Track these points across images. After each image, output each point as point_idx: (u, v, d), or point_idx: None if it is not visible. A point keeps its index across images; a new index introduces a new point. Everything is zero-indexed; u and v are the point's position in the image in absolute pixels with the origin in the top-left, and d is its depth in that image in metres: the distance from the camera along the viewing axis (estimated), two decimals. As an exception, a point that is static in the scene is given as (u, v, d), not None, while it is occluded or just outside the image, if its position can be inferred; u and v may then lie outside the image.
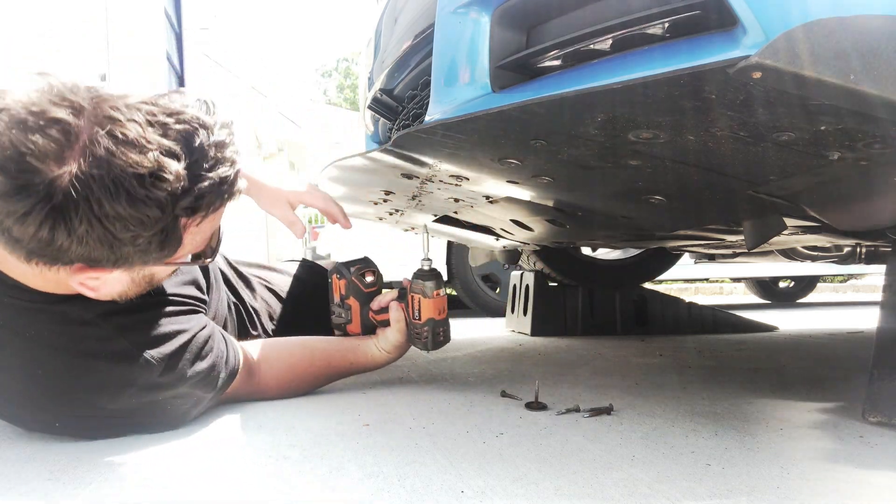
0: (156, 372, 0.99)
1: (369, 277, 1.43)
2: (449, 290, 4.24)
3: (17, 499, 0.78)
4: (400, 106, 1.39)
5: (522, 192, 1.26)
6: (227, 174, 0.84)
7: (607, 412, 1.17)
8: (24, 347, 0.94)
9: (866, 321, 3.07)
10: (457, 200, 1.48)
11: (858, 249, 2.03)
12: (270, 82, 12.75)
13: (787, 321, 3.19)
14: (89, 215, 0.76)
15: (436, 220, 1.86)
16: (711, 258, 2.67)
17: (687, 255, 2.97)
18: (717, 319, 2.69)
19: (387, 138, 1.52)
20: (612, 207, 1.32)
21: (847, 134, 0.78)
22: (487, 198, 1.40)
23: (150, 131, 0.77)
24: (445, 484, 0.80)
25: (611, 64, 0.77)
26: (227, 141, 0.84)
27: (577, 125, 0.85)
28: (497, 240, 2.09)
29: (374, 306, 1.40)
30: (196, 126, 0.81)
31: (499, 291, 4.30)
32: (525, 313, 2.67)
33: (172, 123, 0.79)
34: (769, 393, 1.38)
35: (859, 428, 1.05)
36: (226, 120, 0.86)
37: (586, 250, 2.77)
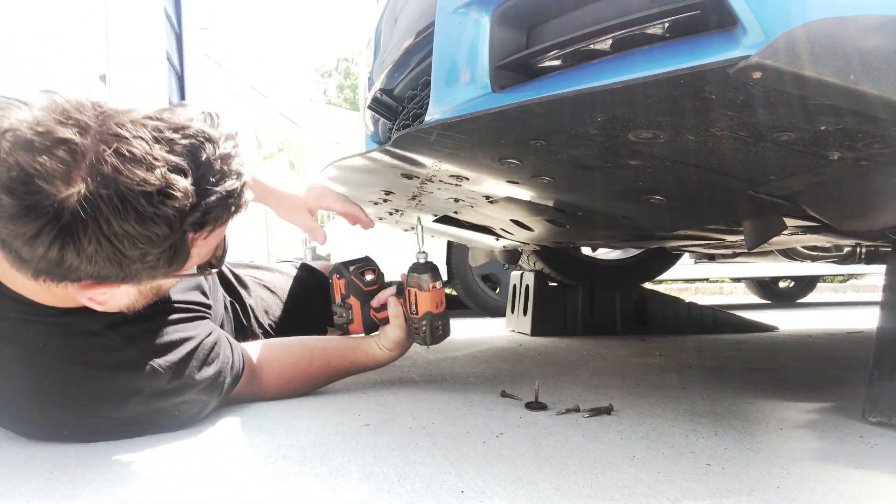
0: (163, 380, 0.99)
1: (369, 276, 1.42)
2: (449, 289, 4.23)
3: (17, 499, 0.78)
4: (400, 106, 1.39)
5: (522, 192, 1.26)
6: (233, 187, 0.83)
7: (607, 412, 1.17)
8: (30, 360, 0.94)
9: (866, 321, 3.07)
10: (457, 200, 1.48)
11: (858, 249, 2.03)
12: (270, 82, 12.75)
13: (787, 321, 3.19)
14: (98, 235, 0.75)
15: (436, 220, 1.86)
16: (711, 258, 2.67)
17: (687, 255, 2.97)
18: (717, 319, 2.69)
19: (387, 138, 1.52)
20: (612, 207, 1.32)
21: (847, 134, 0.78)
22: (487, 198, 1.40)
23: (156, 148, 0.77)
24: (445, 484, 0.80)
25: (611, 64, 0.77)
26: (233, 153, 0.84)
27: (577, 125, 0.85)
28: (497, 240, 2.09)
29: (375, 304, 1.39)
30: (202, 140, 0.80)
31: (499, 291, 4.29)
32: (525, 313, 2.67)
33: (178, 139, 0.79)
34: (769, 393, 1.38)
35: (859, 428, 1.05)
36: (230, 131, 0.85)
37: (586, 250, 2.77)
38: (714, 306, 2.81)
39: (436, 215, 1.80)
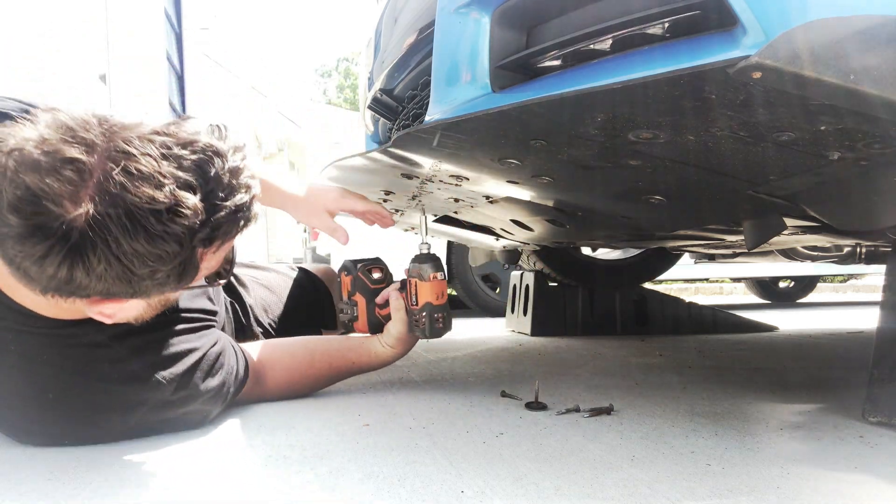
0: (167, 392, 0.99)
1: (377, 274, 1.40)
2: (449, 289, 4.23)
3: (17, 499, 0.78)
4: (400, 106, 1.39)
5: (522, 192, 1.26)
6: (243, 201, 0.82)
7: (607, 412, 1.17)
8: (34, 371, 0.94)
9: (866, 321, 3.07)
10: (457, 200, 1.48)
11: (858, 249, 2.03)
12: (270, 82, 12.75)
13: (787, 321, 3.19)
14: (107, 254, 0.75)
15: (436, 220, 1.86)
16: (711, 258, 2.67)
17: (687, 255, 2.97)
18: (717, 319, 2.69)
19: (387, 138, 1.52)
20: (612, 207, 1.32)
21: (847, 134, 0.78)
22: (487, 198, 1.40)
23: (164, 164, 0.76)
24: (445, 484, 0.80)
25: (611, 64, 0.77)
26: (242, 166, 0.83)
27: (577, 125, 0.85)
28: (497, 240, 2.09)
29: (379, 300, 1.37)
30: (210, 154, 0.79)
31: (499, 291, 4.29)
32: (525, 313, 2.67)
33: (187, 154, 0.78)
34: (769, 393, 1.38)
35: (859, 428, 1.05)
36: (238, 143, 0.84)
37: (586, 250, 2.77)
38: (714, 306, 2.81)
39: (436, 215, 1.80)
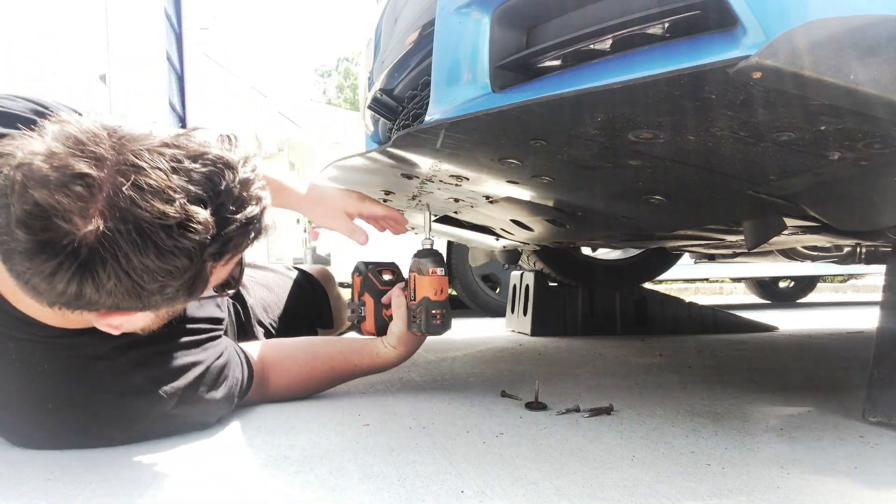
0: (168, 405, 0.99)
1: (387, 276, 1.39)
2: (449, 289, 4.22)
3: (17, 499, 0.78)
4: (400, 106, 1.39)
5: (522, 192, 1.26)
6: (253, 213, 0.81)
7: (607, 412, 1.17)
8: (36, 381, 0.94)
9: (866, 321, 3.07)
10: (457, 200, 1.49)
11: (858, 249, 2.03)
12: (270, 82, 12.75)
13: (787, 321, 3.19)
14: (117, 270, 0.74)
15: (436, 220, 1.86)
16: (711, 258, 2.67)
17: (687, 255, 2.97)
18: (717, 319, 2.69)
19: (387, 138, 1.52)
20: (612, 207, 1.32)
21: (847, 134, 0.78)
22: (487, 198, 1.40)
23: (174, 178, 0.74)
24: (445, 484, 0.80)
25: (611, 64, 0.77)
26: (252, 177, 0.82)
27: (577, 125, 0.85)
28: (497, 240, 2.09)
29: (385, 301, 1.36)
30: (221, 167, 0.78)
31: (499, 291, 4.29)
32: (525, 313, 2.67)
33: (197, 167, 0.76)
34: (769, 393, 1.38)
35: (859, 428, 1.05)
36: (248, 154, 0.83)
37: (586, 250, 2.77)
38: (714, 306, 2.81)
39: (436, 215, 1.80)
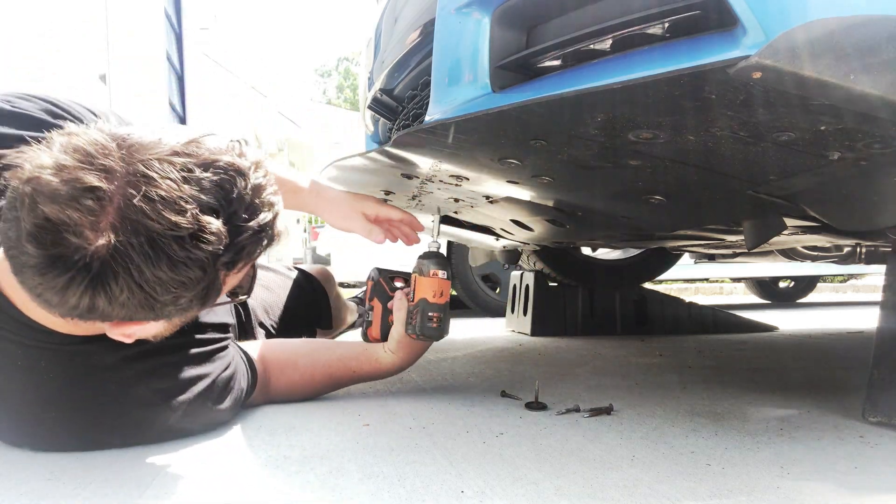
0: (173, 417, 0.99)
1: (398, 283, 1.38)
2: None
3: (18, 499, 0.78)
4: (400, 106, 1.39)
5: (522, 192, 1.26)
6: (266, 220, 0.80)
7: (607, 412, 1.17)
8: (42, 387, 0.93)
9: (866, 321, 3.07)
10: (457, 200, 1.48)
11: (858, 249, 2.03)
12: (270, 82, 12.76)
13: (787, 321, 3.19)
14: (130, 282, 0.73)
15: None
16: (711, 258, 2.67)
17: (687, 255, 2.97)
18: (717, 319, 2.69)
19: (387, 138, 1.52)
20: (612, 207, 1.32)
21: (847, 134, 0.78)
22: (487, 198, 1.40)
23: (185, 188, 0.73)
24: (445, 484, 0.80)
25: (611, 64, 0.77)
26: (264, 183, 0.81)
27: (577, 125, 0.85)
28: (497, 240, 2.09)
29: (390, 305, 1.34)
30: (232, 174, 0.77)
31: (499, 291, 4.29)
32: (525, 313, 2.67)
33: (209, 176, 0.75)
34: (769, 393, 1.38)
35: (859, 428, 1.05)
36: (259, 158, 0.82)
37: (586, 250, 2.77)
38: (714, 306, 2.81)
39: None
